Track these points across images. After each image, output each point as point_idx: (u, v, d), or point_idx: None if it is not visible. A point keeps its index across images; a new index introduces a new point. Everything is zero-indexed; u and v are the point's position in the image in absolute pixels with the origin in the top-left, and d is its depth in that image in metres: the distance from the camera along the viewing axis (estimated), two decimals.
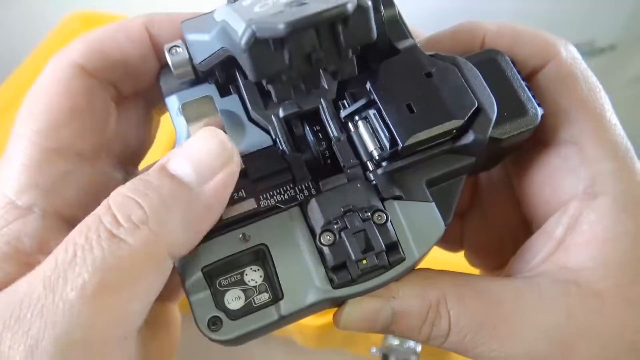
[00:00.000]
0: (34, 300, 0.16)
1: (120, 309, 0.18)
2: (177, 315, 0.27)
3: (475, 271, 0.31)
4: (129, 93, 0.24)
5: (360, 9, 0.19)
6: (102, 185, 0.22)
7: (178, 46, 0.23)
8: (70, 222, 0.21)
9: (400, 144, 0.21)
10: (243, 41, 0.18)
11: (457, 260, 0.32)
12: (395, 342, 0.53)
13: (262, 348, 0.62)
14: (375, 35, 0.20)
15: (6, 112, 0.58)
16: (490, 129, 0.22)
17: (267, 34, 0.18)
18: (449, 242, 0.30)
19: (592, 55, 1.13)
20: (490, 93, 0.22)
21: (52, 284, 0.16)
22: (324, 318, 0.51)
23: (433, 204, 0.22)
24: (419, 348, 0.53)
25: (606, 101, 0.23)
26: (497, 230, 0.28)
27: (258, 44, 0.18)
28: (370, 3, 0.19)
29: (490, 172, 0.28)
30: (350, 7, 0.18)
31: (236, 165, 0.20)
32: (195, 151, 0.20)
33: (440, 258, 0.24)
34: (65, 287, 0.16)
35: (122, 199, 0.18)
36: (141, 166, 0.27)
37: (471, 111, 0.22)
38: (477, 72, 0.23)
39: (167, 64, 0.23)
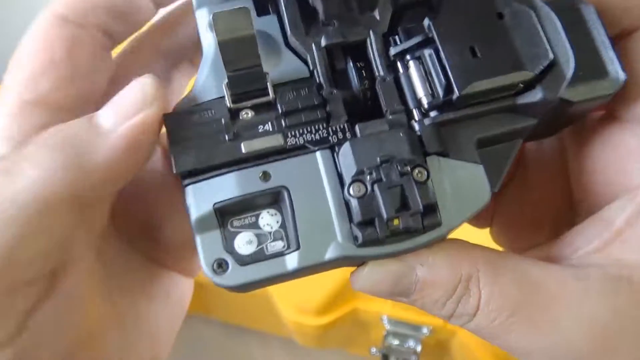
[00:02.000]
0: None
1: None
2: (188, 290, 0.26)
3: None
4: (123, 38, 0.22)
5: None
6: None
7: None
8: None
9: (457, 92, 0.19)
10: None
11: (479, 237, 0.27)
12: (395, 342, 0.53)
13: (262, 348, 0.62)
14: None
15: None
16: (564, 87, 0.19)
17: None
18: (478, 215, 0.26)
19: None
20: (570, 47, 0.19)
21: None
22: (324, 318, 0.51)
23: (481, 166, 0.20)
24: (418, 348, 0.53)
25: None
26: (537, 207, 0.25)
27: None
28: None
29: (542, 142, 0.24)
30: None
31: (153, 110, 0.19)
32: (118, 96, 0.19)
33: (459, 233, 0.21)
34: None
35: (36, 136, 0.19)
36: None
37: (545, 64, 0.19)
38: (557, 20, 0.20)
39: None
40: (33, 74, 0.20)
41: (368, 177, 0.18)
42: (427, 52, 0.20)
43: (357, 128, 0.20)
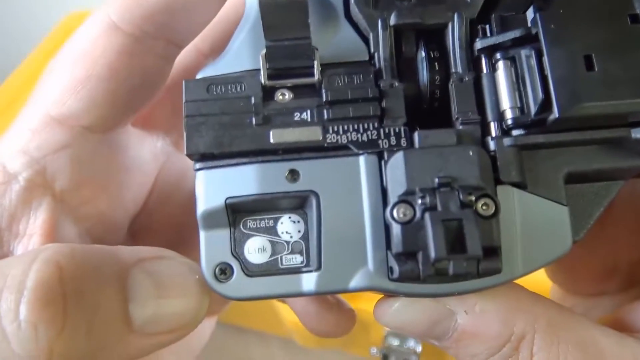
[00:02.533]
0: None
1: None
2: (208, 328, 0.24)
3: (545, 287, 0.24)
4: (188, 41, 0.19)
5: None
6: (113, 160, 0.19)
7: None
8: (57, 199, 0.18)
9: (556, 113, 0.14)
10: None
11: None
12: (396, 342, 0.53)
13: (262, 348, 0.62)
14: None
15: (6, 112, 0.58)
16: None
17: None
18: None
19: None
20: None
21: None
22: None
23: (567, 208, 0.16)
24: (419, 348, 0.53)
25: None
26: (614, 251, 0.21)
27: None
28: None
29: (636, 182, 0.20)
30: None
31: (194, 325, 0.17)
32: (164, 303, 0.16)
33: None
34: None
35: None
36: None
37: None
38: None
39: None
40: (65, 88, 0.18)
41: (419, 200, 0.15)
42: (526, 52, 0.15)
43: (415, 135, 0.16)
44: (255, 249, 0.16)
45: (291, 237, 0.16)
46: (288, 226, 0.16)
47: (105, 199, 0.19)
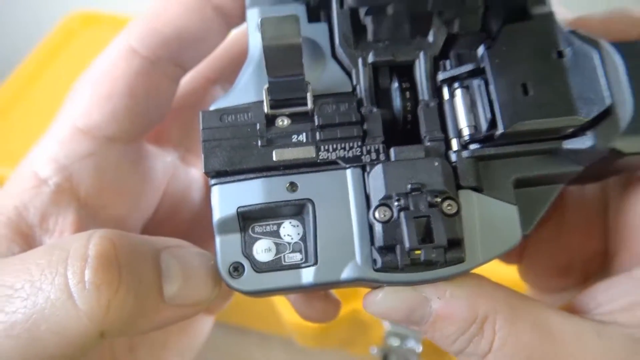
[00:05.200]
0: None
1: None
2: (206, 326, 0.27)
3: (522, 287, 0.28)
4: (194, 65, 0.22)
5: None
6: (131, 168, 0.22)
7: None
8: (82, 202, 0.21)
9: (501, 129, 0.18)
10: None
11: (506, 273, 0.28)
12: (396, 342, 0.53)
13: (262, 348, 0.62)
14: None
15: (6, 112, 0.58)
16: (617, 137, 0.18)
17: None
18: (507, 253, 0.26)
19: None
20: (631, 94, 0.18)
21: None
22: None
23: (516, 207, 0.19)
24: (419, 348, 0.53)
25: None
26: (569, 251, 0.24)
27: None
28: None
29: (584, 186, 0.24)
30: None
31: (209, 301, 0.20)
32: (186, 276, 0.19)
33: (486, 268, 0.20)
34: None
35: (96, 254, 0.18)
36: None
37: (599, 110, 0.18)
38: (622, 64, 0.18)
39: None
40: (90, 104, 0.21)
41: (396, 202, 0.18)
42: (477, 82, 0.19)
43: (392, 151, 0.19)
44: (262, 250, 0.19)
45: (292, 238, 0.19)
46: (289, 230, 0.19)
47: (123, 204, 0.22)
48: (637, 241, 0.21)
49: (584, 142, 0.19)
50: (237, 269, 0.19)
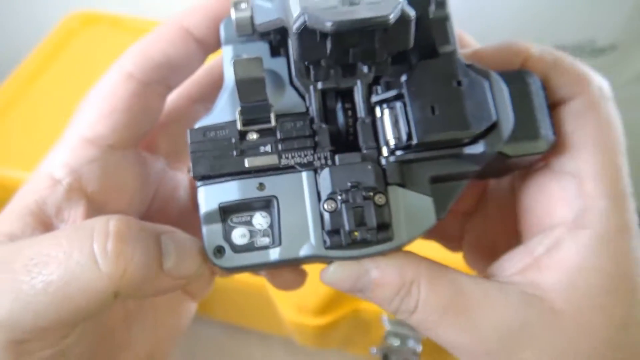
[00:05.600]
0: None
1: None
2: (191, 311, 0.32)
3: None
4: (177, 85, 0.28)
5: (403, 20, 0.21)
6: (127, 171, 0.27)
7: (244, 3, 0.25)
8: (89, 198, 0.26)
9: (415, 140, 0.24)
10: (295, 26, 0.21)
11: (459, 261, 0.33)
12: (396, 342, 0.53)
13: (261, 348, 0.62)
14: (411, 44, 0.22)
15: (6, 112, 0.58)
16: (501, 145, 0.24)
17: (316, 26, 0.21)
18: (449, 240, 0.33)
19: (593, 55, 1.12)
20: (512, 112, 0.24)
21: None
22: (324, 318, 0.51)
23: (430, 198, 0.24)
24: (419, 348, 0.53)
25: (619, 144, 0.25)
26: (494, 236, 0.30)
27: (306, 32, 0.21)
28: (413, 15, 0.21)
29: (500, 180, 0.30)
30: (392, 18, 0.20)
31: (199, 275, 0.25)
32: (180, 251, 0.24)
33: (443, 258, 0.25)
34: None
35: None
36: None
37: (487, 125, 0.24)
38: (506, 89, 0.24)
39: (230, 17, 0.26)
40: (95, 118, 0.26)
41: (339, 197, 0.23)
42: (399, 104, 0.25)
43: (337, 157, 0.25)
44: (239, 235, 0.25)
45: (262, 226, 0.25)
46: (259, 219, 0.25)
47: (123, 200, 0.27)
48: (531, 221, 0.26)
49: (477, 148, 0.24)
50: (219, 251, 0.24)
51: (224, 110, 0.25)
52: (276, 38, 0.26)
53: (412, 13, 0.21)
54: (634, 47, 1.12)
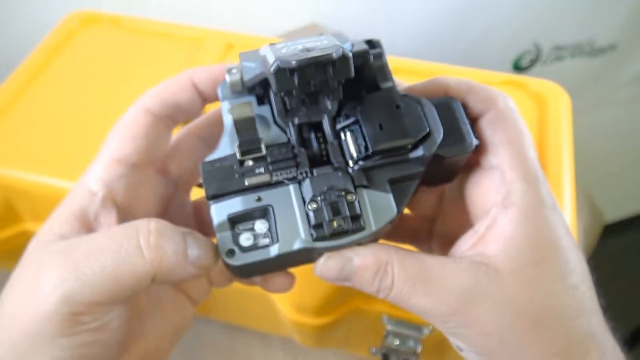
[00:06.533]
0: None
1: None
2: (190, 314, 0.37)
3: None
4: (181, 122, 0.36)
5: (344, 57, 0.29)
6: (146, 186, 0.34)
7: (235, 69, 0.34)
8: (119, 207, 0.32)
9: (370, 149, 0.31)
10: (272, 68, 0.29)
11: None
12: (396, 342, 0.53)
13: (262, 348, 0.62)
14: (353, 74, 0.30)
15: (6, 112, 0.58)
16: (435, 148, 0.31)
17: (286, 66, 0.29)
18: (420, 242, 0.40)
19: (592, 55, 1.13)
20: (440, 124, 0.32)
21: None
22: (324, 318, 0.51)
23: (390, 195, 0.31)
24: (419, 348, 0.53)
25: (527, 140, 0.32)
26: (455, 231, 0.35)
27: (280, 71, 0.29)
28: (350, 54, 0.29)
29: (451, 185, 0.37)
30: (335, 55, 0.29)
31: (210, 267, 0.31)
32: (198, 245, 0.30)
33: None
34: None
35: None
36: None
37: (423, 134, 0.31)
38: (434, 109, 0.32)
39: (225, 80, 0.34)
40: (121, 143, 0.33)
41: (319, 198, 0.30)
42: (357, 127, 0.32)
43: (314, 171, 0.32)
44: (245, 239, 0.31)
45: (262, 230, 0.31)
46: (260, 225, 0.31)
47: (143, 209, 0.34)
48: (476, 209, 0.33)
49: (419, 152, 0.31)
50: (231, 252, 0.30)
51: (225, 147, 0.33)
52: (260, 91, 0.34)
53: (349, 53, 0.29)
54: (633, 47, 1.12)
